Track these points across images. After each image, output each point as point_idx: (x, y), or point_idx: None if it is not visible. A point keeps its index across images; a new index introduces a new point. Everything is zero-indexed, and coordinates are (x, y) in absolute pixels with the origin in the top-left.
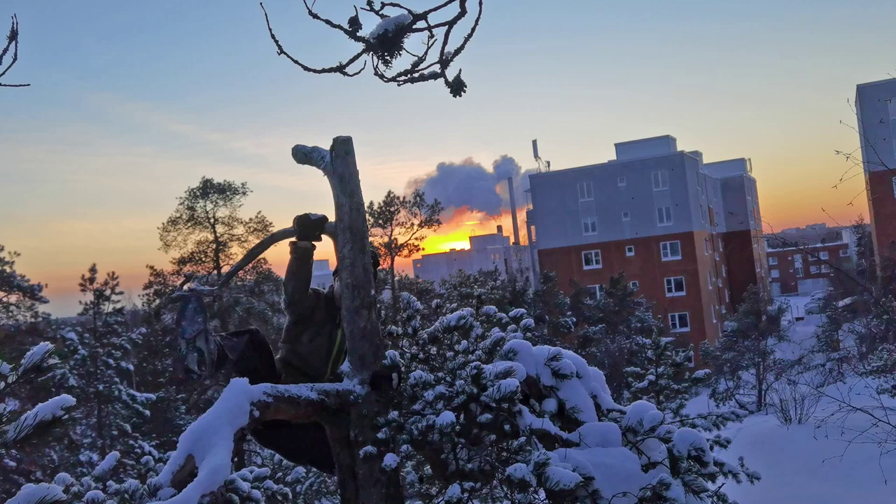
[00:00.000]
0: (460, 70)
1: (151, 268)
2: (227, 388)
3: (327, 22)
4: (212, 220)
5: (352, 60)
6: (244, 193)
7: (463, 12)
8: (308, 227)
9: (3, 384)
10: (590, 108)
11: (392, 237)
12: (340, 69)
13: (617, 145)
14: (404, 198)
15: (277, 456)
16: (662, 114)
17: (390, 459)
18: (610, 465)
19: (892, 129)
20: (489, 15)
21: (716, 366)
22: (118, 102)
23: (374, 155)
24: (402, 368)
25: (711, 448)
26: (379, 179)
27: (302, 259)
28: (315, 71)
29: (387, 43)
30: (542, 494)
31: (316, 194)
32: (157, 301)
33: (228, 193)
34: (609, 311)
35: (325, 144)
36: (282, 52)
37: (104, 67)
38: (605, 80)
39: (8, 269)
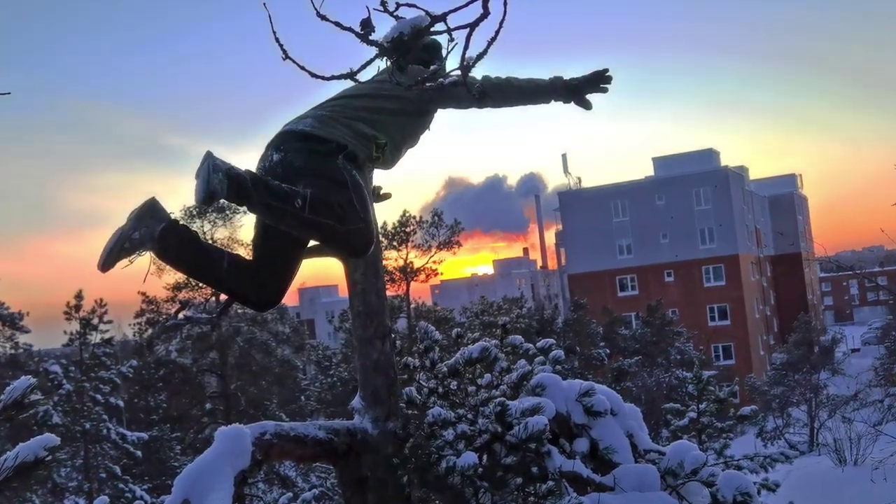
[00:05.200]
0: (483, 76)
1: (143, 294)
2: (226, 428)
3: (337, 24)
4: (210, 242)
5: (364, 66)
6: (245, 212)
7: (486, 13)
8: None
9: None
10: (625, 119)
11: (407, 260)
12: (351, 76)
13: (655, 160)
14: (421, 217)
15: (282, 500)
16: (705, 125)
17: None
18: None
19: None
20: (513, 16)
21: (763, 402)
22: (108, 112)
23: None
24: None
25: (759, 492)
26: (384, 187)
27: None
28: (324, 78)
29: (402, 47)
30: None
31: None
32: (150, 331)
33: (228, 213)
34: (646, 341)
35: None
36: (287, 57)
37: (92, 75)
38: (641, 87)
39: None
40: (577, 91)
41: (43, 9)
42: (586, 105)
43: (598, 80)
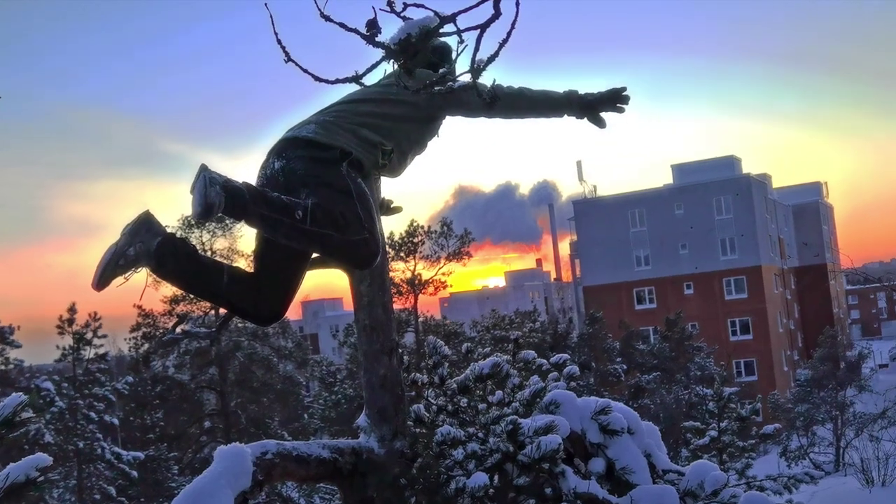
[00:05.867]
0: (494, 80)
1: (139, 308)
2: (225, 447)
3: (341, 25)
4: (209, 253)
5: (370, 69)
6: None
7: (497, 14)
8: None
9: None
10: (643, 124)
11: (415, 272)
12: (356, 79)
13: (674, 167)
14: (429, 227)
15: None
16: (726, 131)
17: None
18: None
19: None
20: (525, 17)
21: (787, 420)
22: (101, 117)
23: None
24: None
25: None
26: (395, 200)
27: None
28: (328, 81)
29: (410, 49)
30: None
31: None
32: (146, 346)
33: (227, 222)
34: (665, 356)
35: None
36: (289, 59)
37: (84, 78)
38: (660, 91)
39: None
40: (592, 107)
41: (31, 8)
42: (600, 123)
43: (615, 99)
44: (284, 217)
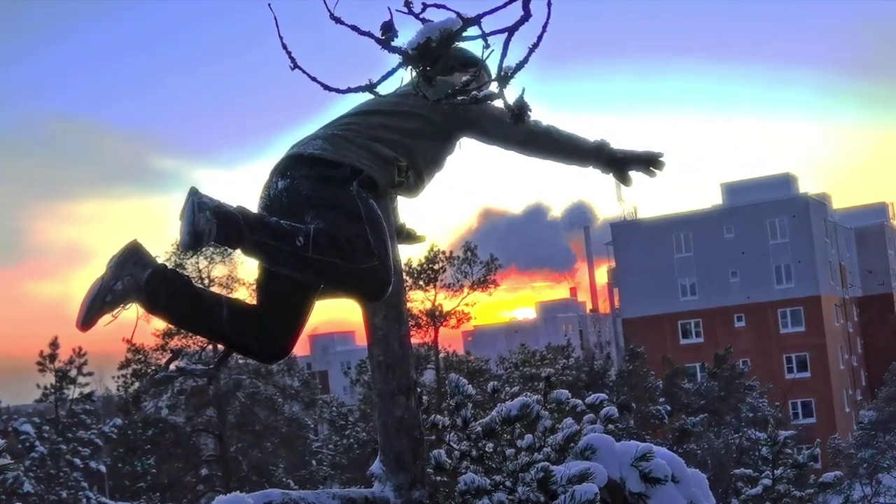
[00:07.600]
0: (524, 89)
1: (129, 342)
2: (224, 497)
3: (354, 28)
4: (206, 282)
5: (385, 77)
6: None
7: (527, 16)
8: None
9: None
10: (689, 139)
11: (436, 303)
12: (370, 88)
13: (723, 186)
14: (451, 253)
15: None
16: (781, 147)
17: None
18: None
19: None
20: (558, 19)
21: (849, 467)
22: (88, 129)
23: None
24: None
25: None
26: (417, 227)
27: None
28: (338, 91)
29: (430, 55)
30: None
31: None
32: (137, 384)
33: (223, 249)
34: (713, 396)
35: None
36: (296, 66)
37: (69, 86)
38: (707, 101)
39: None
40: (621, 164)
41: (9, 10)
42: (626, 181)
43: (649, 162)
44: (284, 245)
